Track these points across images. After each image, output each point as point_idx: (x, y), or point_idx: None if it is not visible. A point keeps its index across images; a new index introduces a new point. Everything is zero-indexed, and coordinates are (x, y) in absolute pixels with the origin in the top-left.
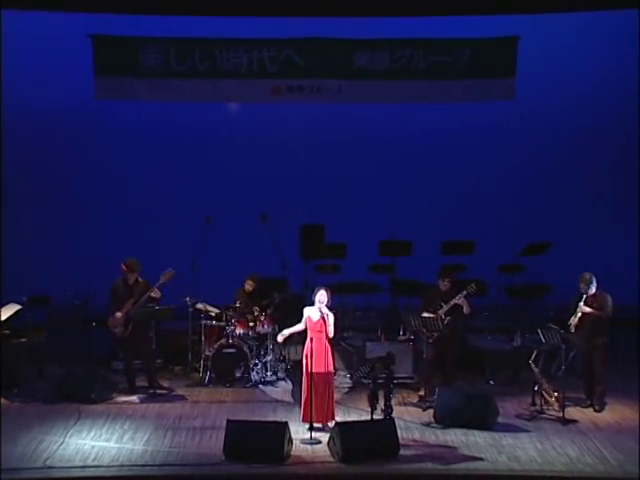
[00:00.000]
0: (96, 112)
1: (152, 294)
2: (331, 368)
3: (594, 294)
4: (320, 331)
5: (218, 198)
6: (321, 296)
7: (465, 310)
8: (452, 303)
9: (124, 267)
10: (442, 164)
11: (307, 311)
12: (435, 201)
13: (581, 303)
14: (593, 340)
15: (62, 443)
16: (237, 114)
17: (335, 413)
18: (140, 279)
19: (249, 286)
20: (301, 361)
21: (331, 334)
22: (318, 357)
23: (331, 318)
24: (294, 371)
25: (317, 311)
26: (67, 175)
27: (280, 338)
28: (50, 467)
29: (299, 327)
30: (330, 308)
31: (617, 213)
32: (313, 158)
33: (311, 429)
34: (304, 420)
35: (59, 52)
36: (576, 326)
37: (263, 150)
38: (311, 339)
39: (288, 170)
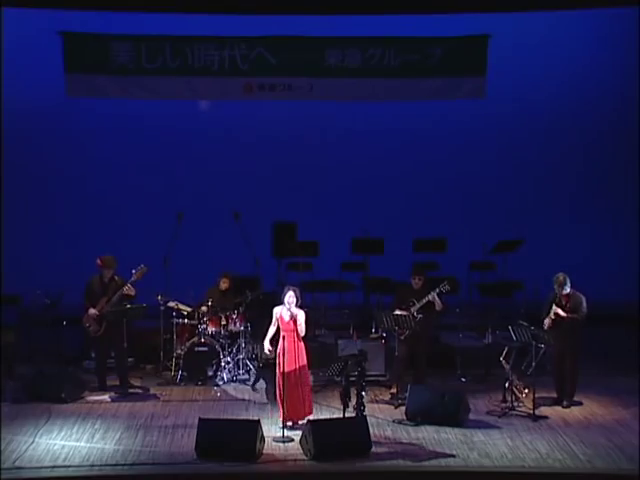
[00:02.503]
0: (68, 109)
1: (126, 291)
2: (304, 365)
3: (568, 294)
4: (292, 330)
5: (190, 195)
6: (289, 297)
7: (437, 307)
8: (424, 301)
9: (100, 263)
10: (413, 162)
11: (277, 310)
12: (406, 198)
13: (554, 306)
14: (566, 341)
15: (32, 443)
16: (209, 112)
17: (312, 407)
18: (117, 277)
19: (224, 284)
20: (274, 360)
21: (302, 332)
22: (290, 355)
23: (301, 317)
24: (266, 369)
25: (287, 312)
26: (38, 172)
27: (268, 351)
28: (19, 467)
29: (272, 329)
30: (302, 306)
31: (588, 208)
32: (285, 156)
33: (284, 427)
34: (286, 418)
35: (30, 49)
36: (549, 327)
37: (235, 147)
38: (283, 337)
39: (260, 167)
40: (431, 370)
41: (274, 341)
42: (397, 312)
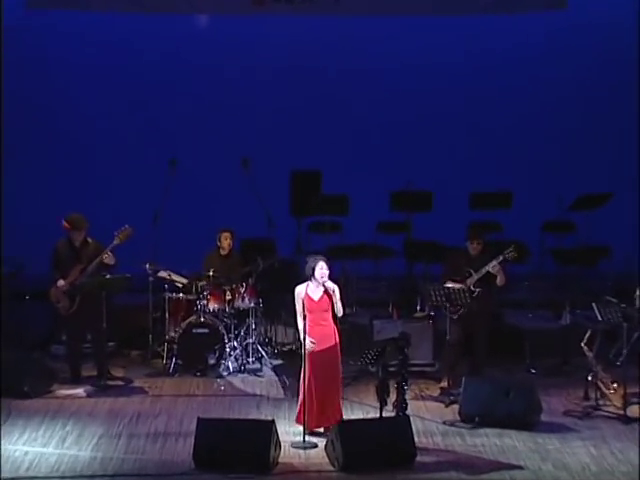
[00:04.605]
0: (31, 28)
1: (104, 259)
2: (338, 358)
3: None
4: (325, 310)
5: (186, 137)
6: (321, 270)
7: (500, 280)
8: (484, 271)
9: (66, 225)
10: (470, 95)
11: (300, 290)
12: (461, 141)
13: None
14: None
15: None
16: (210, 31)
17: (342, 411)
18: (90, 240)
19: (225, 244)
20: (297, 348)
21: (340, 312)
22: (322, 345)
23: (337, 292)
24: (284, 357)
25: (317, 287)
26: None
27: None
28: None
29: (302, 321)
30: (332, 279)
31: None
32: (306, 87)
33: (305, 429)
34: (298, 421)
35: None
36: None
37: (242, 76)
38: (311, 322)
39: (274, 102)
40: (492, 359)
41: (280, 315)
42: (449, 285)
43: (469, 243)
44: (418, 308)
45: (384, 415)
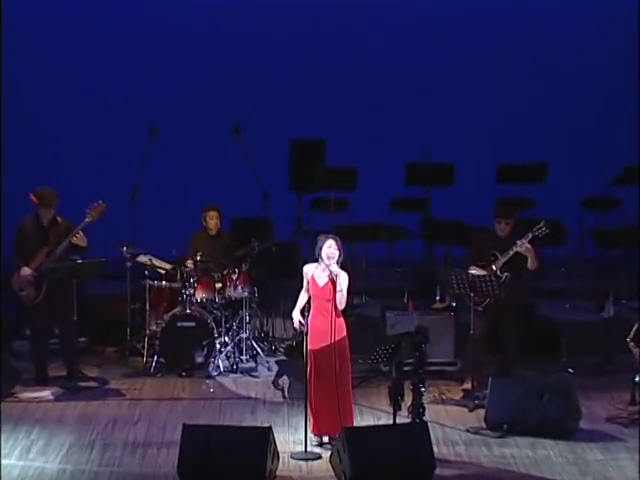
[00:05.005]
0: None
1: (74, 240)
2: (346, 353)
3: None
4: (329, 299)
5: (168, 101)
6: (329, 249)
7: (531, 262)
8: (511, 252)
9: (34, 199)
10: (500, 51)
11: (309, 270)
12: (489, 106)
13: None
14: None
15: None
16: None
17: (354, 416)
18: (59, 218)
19: (211, 225)
20: (299, 343)
21: (341, 304)
22: (324, 338)
23: (344, 280)
24: (283, 354)
25: (324, 271)
26: None
27: (297, 324)
28: None
29: (304, 296)
30: (343, 266)
31: None
32: (308, 42)
33: (306, 438)
34: (315, 431)
35: None
36: None
37: (234, 33)
38: (315, 311)
39: (271, 61)
40: (523, 356)
41: (278, 306)
42: (473, 271)
43: (497, 223)
44: (438, 298)
45: (398, 421)
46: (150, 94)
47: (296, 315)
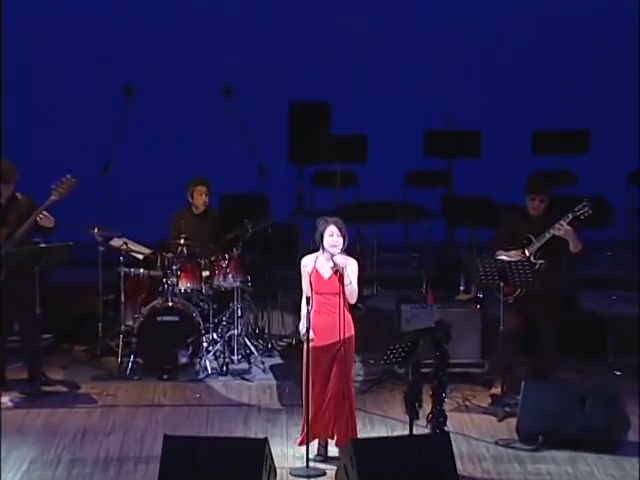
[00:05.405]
0: None
1: (39, 220)
2: (352, 356)
3: None
4: (335, 293)
5: (147, 58)
6: (331, 237)
7: (573, 245)
8: (548, 235)
9: None
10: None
11: (308, 262)
12: (520, 63)
13: None
14: None
15: None
16: None
17: (357, 428)
18: (20, 195)
19: (199, 202)
20: (296, 342)
21: (353, 298)
22: (328, 337)
23: (352, 268)
24: (280, 354)
25: (329, 261)
26: None
27: (303, 336)
28: None
29: (306, 299)
30: (350, 252)
31: None
32: None
33: (307, 450)
34: (301, 443)
35: None
36: None
37: None
38: (318, 307)
39: (268, 11)
40: (562, 356)
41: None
42: (503, 256)
43: (530, 200)
44: (462, 288)
45: (415, 432)
46: (125, 49)
47: (302, 324)
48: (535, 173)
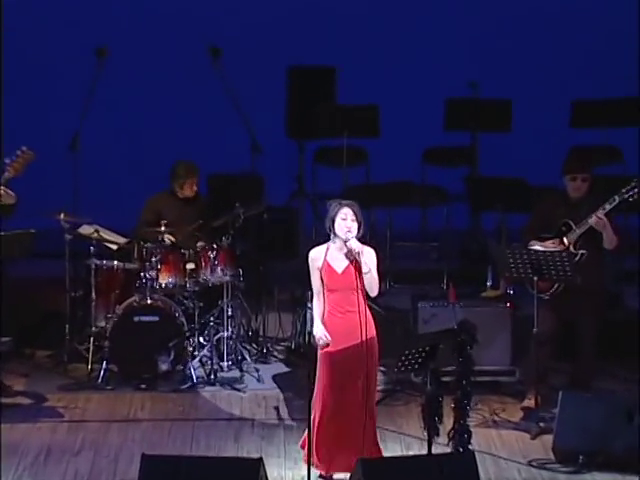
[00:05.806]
0: None
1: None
2: (375, 367)
3: None
4: (353, 288)
5: (122, 14)
6: (344, 221)
7: (607, 243)
8: (590, 222)
9: None
10: None
11: (317, 255)
12: (556, 24)
13: None
14: None
15: None
16: None
17: (380, 447)
18: None
19: (189, 191)
20: (296, 346)
21: (373, 291)
22: (347, 339)
23: (370, 257)
24: (278, 359)
25: (342, 251)
26: None
27: (324, 339)
28: None
29: (320, 297)
30: (364, 239)
31: None
32: None
33: (309, 473)
34: (322, 470)
35: None
36: None
37: None
38: (333, 308)
39: None
40: (605, 363)
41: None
42: (537, 246)
43: (569, 180)
44: (489, 284)
45: (434, 451)
46: (96, 4)
47: (320, 329)
48: (575, 149)
